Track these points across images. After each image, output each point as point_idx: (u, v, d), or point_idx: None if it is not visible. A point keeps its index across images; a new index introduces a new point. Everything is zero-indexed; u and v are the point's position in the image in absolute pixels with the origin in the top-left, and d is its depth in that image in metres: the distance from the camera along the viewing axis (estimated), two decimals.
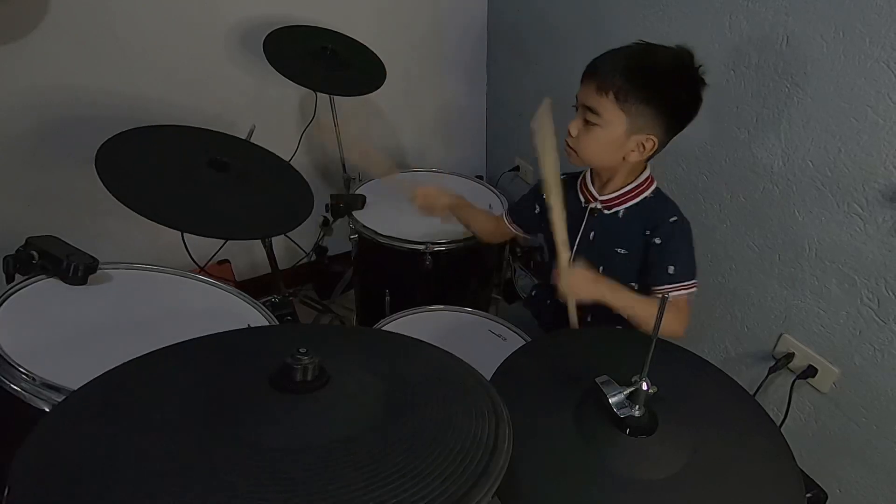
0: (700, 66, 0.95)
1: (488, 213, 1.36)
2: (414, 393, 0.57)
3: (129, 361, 0.59)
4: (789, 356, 1.32)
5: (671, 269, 1.01)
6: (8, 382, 0.75)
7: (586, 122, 0.96)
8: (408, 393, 0.56)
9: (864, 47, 1.05)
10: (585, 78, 0.97)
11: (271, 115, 1.81)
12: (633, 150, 0.98)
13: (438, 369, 0.63)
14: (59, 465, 0.44)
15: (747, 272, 1.39)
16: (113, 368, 0.57)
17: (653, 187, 1.06)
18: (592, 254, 1.08)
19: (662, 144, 0.99)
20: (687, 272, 1.02)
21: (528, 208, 1.24)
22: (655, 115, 0.94)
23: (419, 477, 0.44)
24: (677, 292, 1.01)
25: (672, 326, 0.99)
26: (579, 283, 0.95)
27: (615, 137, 0.96)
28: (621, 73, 0.91)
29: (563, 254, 0.96)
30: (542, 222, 1.23)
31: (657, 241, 1.02)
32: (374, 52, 1.67)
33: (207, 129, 1.28)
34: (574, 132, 0.99)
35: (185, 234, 1.04)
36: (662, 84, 0.93)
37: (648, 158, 1.03)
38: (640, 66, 0.92)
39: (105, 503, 0.41)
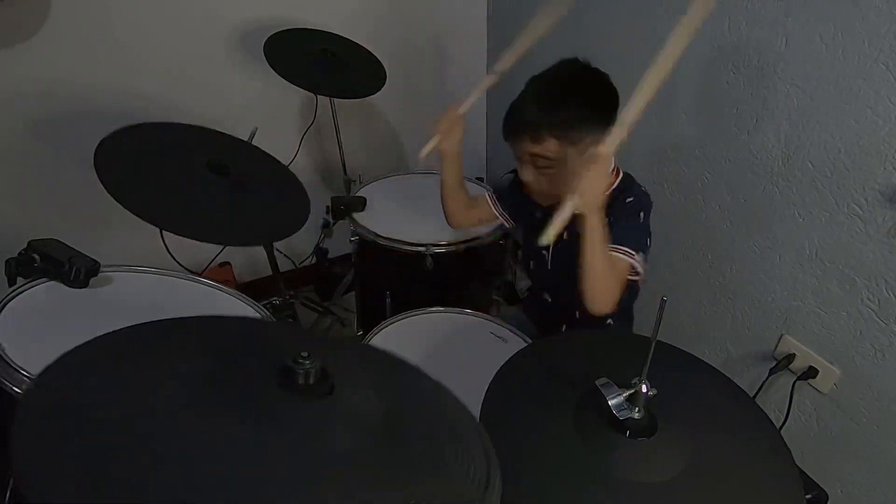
0: (586, 61, 0.99)
1: (467, 193, 1.29)
2: (411, 419, 0.57)
3: (134, 326, 0.57)
4: (790, 357, 1.32)
5: (614, 236, 0.98)
6: (9, 385, 0.76)
7: (539, 169, 0.99)
8: (406, 420, 0.56)
9: (863, 48, 1.05)
10: (513, 137, 1.00)
11: (272, 117, 1.81)
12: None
13: (434, 402, 0.63)
14: (59, 440, 0.43)
15: (748, 273, 1.39)
16: (115, 331, 0.56)
17: (618, 180, 1.06)
18: (569, 253, 1.09)
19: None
20: (623, 241, 0.98)
21: (513, 194, 1.24)
22: (588, 125, 0.96)
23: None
24: (616, 254, 0.97)
25: (613, 286, 0.95)
26: (597, 182, 0.88)
27: (571, 166, 0.96)
28: (545, 112, 0.95)
29: (612, 141, 0.87)
30: (518, 214, 1.23)
31: (610, 220, 1.00)
32: (374, 54, 1.67)
33: (209, 129, 1.28)
34: (531, 178, 1.02)
35: (184, 236, 1.03)
36: (578, 95, 0.96)
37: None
38: (552, 95, 0.97)
39: (103, 476, 0.41)
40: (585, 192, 0.87)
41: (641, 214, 1.03)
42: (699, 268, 1.50)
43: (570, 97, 0.96)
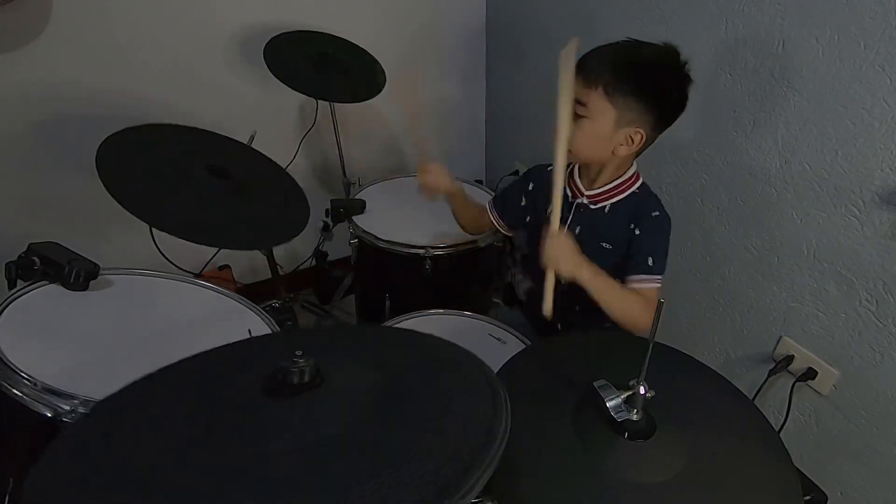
0: (686, 62, 0.96)
1: (479, 208, 1.34)
2: (408, 379, 0.57)
3: (132, 384, 0.59)
4: (789, 358, 1.32)
5: (650, 261, 1.02)
6: (9, 387, 0.76)
7: (576, 116, 0.97)
8: (402, 380, 0.57)
9: (859, 51, 1.05)
10: (576, 71, 0.97)
11: (271, 121, 1.81)
12: (621, 144, 0.99)
13: (432, 353, 0.64)
14: (69, 485, 0.44)
15: (746, 274, 1.39)
16: (117, 392, 0.58)
17: (639, 183, 1.08)
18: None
19: (650, 140, 1.01)
20: (661, 267, 1.03)
21: (515, 201, 1.24)
22: (643, 109, 0.95)
23: (414, 463, 0.44)
24: (650, 284, 1.02)
25: (644, 318, 0.98)
26: (562, 254, 0.94)
27: (604, 130, 0.97)
28: (609, 67, 0.94)
29: (555, 219, 0.94)
30: (526, 216, 1.24)
31: (638, 232, 1.04)
32: (374, 56, 1.68)
33: (208, 131, 1.28)
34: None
35: (182, 238, 1.04)
36: (649, 78, 0.94)
37: (638, 154, 1.05)
38: (627, 60, 0.95)
39: None
40: (555, 265, 0.93)
41: (669, 235, 1.05)
42: (697, 269, 1.51)
43: (645, 73, 0.93)
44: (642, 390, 0.65)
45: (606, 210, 1.08)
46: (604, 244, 1.08)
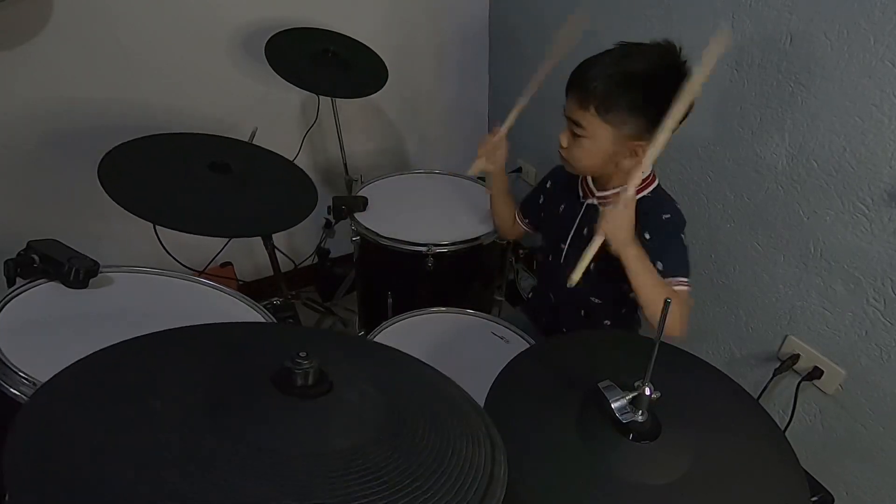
0: (685, 60, 0.92)
1: (514, 206, 1.33)
2: (413, 410, 0.56)
3: (126, 342, 0.57)
4: (795, 357, 1.31)
5: (659, 266, 0.97)
6: (8, 386, 0.75)
7: (574, 135, 0.96)
8: (407, 410, 0.56)
9: (868, 46, 1.04)
10: (568, 91, 0.96)
11: (273, 118, 1.81)
12: (625, 158, 0.97)
13: (435, 390, 0.63)
14: (54, 451, 0.43)
15: (752, 273, 1.38)
16: (108, 347, 0.56)
17: (653, 186, 1.05)
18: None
19: None
20: (677, 268, 0.98)
21: (535, 199, 1.24)
22: (642, 122, 0.92)
23: (420, 496, 0.44)
24: (675, 287, 0.98)
25: (671, 321, 0.95)
26: (623, 224, 0.90)
27: (603, 148, 0.96)
28: (601, 84, 0.90)
29: (632, 186, 0.89)
30: (541, 212, 1.23)
31: (647, 236, 1.00)
32: (376, 52, 1.66)
33: (208, 134, 1.28)
34: (564, 143, 1.00)
35: (184, 236, 1.03)
36: (643, 90, 0.90)
37: None
38: (619, 74, 0.91)
39: (102, 492, 0.40)
40: (609, 233, 0.88)
41: (683, 236, 1.01)
42: (702, 268, 1.49)
43: (638, 85, 0.90)
44: (648, 391, 0.64)
45: None
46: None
